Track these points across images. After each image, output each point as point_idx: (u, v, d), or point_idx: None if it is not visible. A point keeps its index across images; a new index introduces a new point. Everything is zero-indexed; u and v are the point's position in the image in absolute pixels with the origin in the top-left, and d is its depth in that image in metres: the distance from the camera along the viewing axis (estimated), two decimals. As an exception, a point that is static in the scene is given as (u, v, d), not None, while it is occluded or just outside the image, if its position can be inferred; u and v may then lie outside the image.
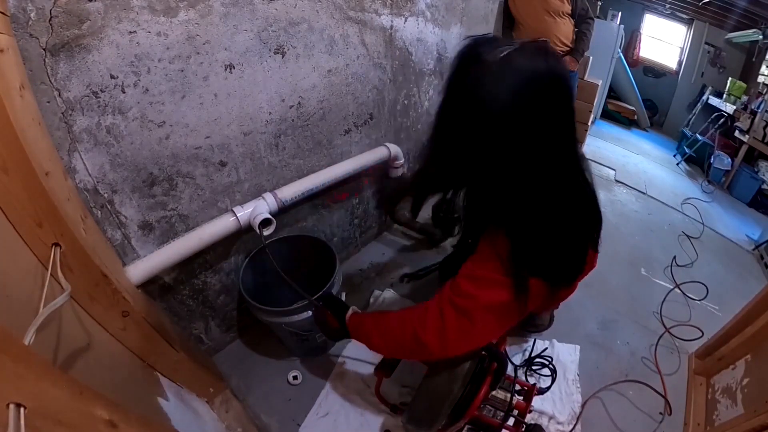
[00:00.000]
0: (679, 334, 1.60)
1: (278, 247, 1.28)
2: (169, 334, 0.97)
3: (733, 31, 3.89)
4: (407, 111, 1.70)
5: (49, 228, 0.60)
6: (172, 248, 0.98)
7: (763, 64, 3.52)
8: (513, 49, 0.63)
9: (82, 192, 0.81)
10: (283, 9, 1.01)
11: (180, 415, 0.90)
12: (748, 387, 1.14)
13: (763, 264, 2.25)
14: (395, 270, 1.78)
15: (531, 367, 1.38)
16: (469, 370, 0.92)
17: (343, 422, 1.19)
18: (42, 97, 0.69)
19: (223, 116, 0.99)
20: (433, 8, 1.56)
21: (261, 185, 1.19)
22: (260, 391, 1.27)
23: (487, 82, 0.63)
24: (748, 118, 3.26)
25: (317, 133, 1.29)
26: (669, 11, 4.47)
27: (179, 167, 0.96)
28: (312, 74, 1.17)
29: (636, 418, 1.30)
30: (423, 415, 0.93)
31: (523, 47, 0.64)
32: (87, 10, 0.69)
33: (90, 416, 0.49)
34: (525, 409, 1.11)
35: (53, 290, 0.57)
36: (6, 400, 0.36)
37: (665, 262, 2.04)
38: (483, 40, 0.67)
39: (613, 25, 3.10)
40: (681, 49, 4.70)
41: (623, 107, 4.82)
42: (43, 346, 0.54)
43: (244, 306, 1.35)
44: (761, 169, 3.17)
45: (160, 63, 0.82)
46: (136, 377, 0.84)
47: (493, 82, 0.63)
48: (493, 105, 0.63)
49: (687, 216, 2.62)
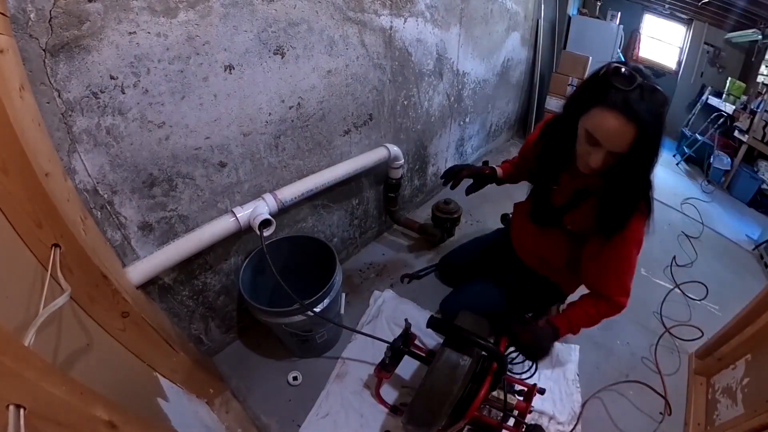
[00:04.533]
0: (679, 334, 1.60)
1: (278, 247, 1.28)
2: (168, 335, 0.97)
3: (733, 31, 3.88)
4: (407, 111, 1.70)
5: (49, 229, 0.60)
6: (171, 249, 0.98)
7: (762, 64, 3.51)
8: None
9: (81, 193, 0.81)
10: (282, 10, 1.01)
11: (180, 415, 0.90)
12: (748, 387, 1.14)
13: (763, 264, 2.25)
14: (395, 270, 1.78)
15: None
16: (469, 370, 0.92)
17: (343, 423, 1.19)
18: (42, 98, 0.69)
19: (222, 117, 0.99)
20: (433, 9, 1.56)
21: (261, 186, 1.19)
22: (260, 392, 1.27)
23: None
24: (748, 118, 3.26)
25: (317, 134, 1.30)
26: (668, 11, 4.47)
27: (179, 168, 0.96)
28: (311, 75, 1.17)
29: (636, 418, 1.30)
30: (423, 415, 0.93)
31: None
32: (87, 11, 0.69)
33: (90, 417, 0.49)
34: (525, 409, 1.11)
35: (53, 291, 0.57)
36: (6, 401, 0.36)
37: (665, 262, 2.04)
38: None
39: (613, 26, 3.09)
40: (680, 49, 4.69)
41: (623, 107, 4.79)
42: (43, 346, 0.54)
43: (244, 307, 1.35)
44: (761, 169, 3.17)
45: (159, 64, 0.82)
46: (136, 378, 0.84)
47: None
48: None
49: (687, 216, 2.62)
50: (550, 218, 1.17)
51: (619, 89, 0.81)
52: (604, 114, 0.84)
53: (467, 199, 1.48)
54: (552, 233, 1.20)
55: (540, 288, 1.33)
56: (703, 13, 4.02)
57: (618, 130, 0.83)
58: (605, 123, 0.84)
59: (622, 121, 0.82)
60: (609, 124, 0.83)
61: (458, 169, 1.32)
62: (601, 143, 0.87)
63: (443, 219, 1.89)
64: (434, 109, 1.91)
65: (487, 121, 2.65)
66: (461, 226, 2.05)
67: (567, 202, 1.12)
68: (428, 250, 1.92)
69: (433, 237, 1.90)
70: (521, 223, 1.35)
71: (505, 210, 1.82)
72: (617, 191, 0.95)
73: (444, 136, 2.14)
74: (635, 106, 0.80)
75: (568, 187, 1.11)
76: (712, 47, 4.31)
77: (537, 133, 1.20)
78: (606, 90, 0.83)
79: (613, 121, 0.83)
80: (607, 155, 0.89)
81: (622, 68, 0.83)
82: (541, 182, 1.19)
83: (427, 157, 2.07)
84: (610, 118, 0.83)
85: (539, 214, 1.21)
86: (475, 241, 1.61)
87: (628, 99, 0.80)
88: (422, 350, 1.20)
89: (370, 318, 1.53)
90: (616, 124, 0.82)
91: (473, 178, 1.35)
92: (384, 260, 1.84)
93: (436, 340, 1.41)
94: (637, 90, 0.80)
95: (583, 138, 0.92)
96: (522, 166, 1.37)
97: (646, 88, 0.80)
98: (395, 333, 1.37)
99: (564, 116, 1.00)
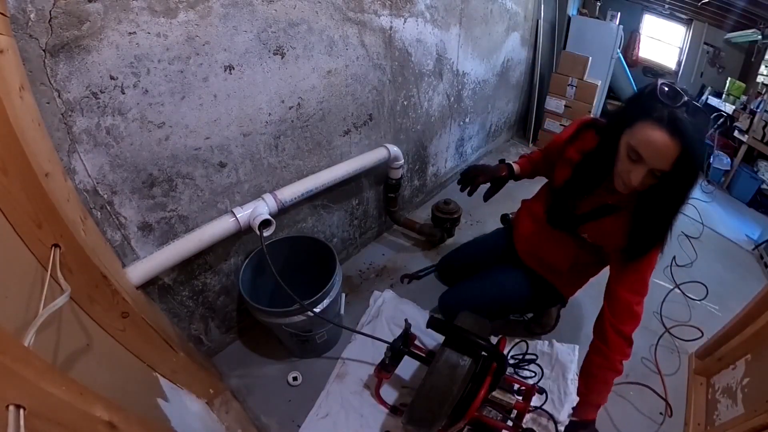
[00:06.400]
0: (679, 334, 1.60)
1: (278, 248, 1.28)
2: (168, 335, 0.97)
3: (732, 31, 3.89)
4: (407, 112, 1.70)
5: (49, 229, 0.60)
6: (171, 249, 0.98)
7: (762, 64, 3.51)
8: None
9: (81, 193, 0.81)
10: (282, 10, 1.01)
11: (180, 416, 0.90)
12: (748, 387, 1.14)
13: (763, 264, 2.25)
14: (395, 271, 1.78)
15: (519, 366, 1.38)
16: (469, 370, 0.91)
17: (342, 423, 1.19)
18: (42, 98, 0.69)
19: (222, 117, 0.99)
20: (433, 9, 1.56)
21: (260, 186, 1.19)
22: (260, 392, 1.26)
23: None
24: (748, 118, 3.25)
25: (317, 134, 1.30)
26: (668, 11, 4.47)
27: (179, 168, 0.96)
28: (311, 75, 1.17)
29: (636, 418, 1.30)
30: (423, 415, 0.93)
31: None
32: (87, 11, 0.69)
33: (90, 417, 0.49)
34: (524, 409, 1.11)
35: (53, 291, 0.57)
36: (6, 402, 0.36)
37: (665, 262, 2.04)
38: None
39: (612, 26, 3.09)
40: (680, 49, 4.70)
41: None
42: (42, 347, 0.54)
43: (243, 307, 1.35)
44: (761, 169, 3.16)
45: (159, 64, 0.82)
46: (136, 378, 0.84)
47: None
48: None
49: (686, 216, 2.61)
50: (567, 224, 1.15)
51: (666, 105, 0.81)
52: (650, 128, 0.82)
53: (467, 200, 1.48)
54: (562, 237, 1.19)
55: (538, 288, 1.33)
56: (703, 13, 4.02)
57: (663, 145, 0.81)
58: (650, 137, 0.82)
59: (667, 137, 0.80)
60: (654, 138, 0.82)
61: (473, 175, 1.30)
62: (644, 159, 0.85)
63: (443, 219, 1.89)
64: (434, 109, 1.91)
65: (487, 121, 2.65)
66: (461, 227, 2.05)
67: (590, 211, 1.09)
68: (428, 251, 1.92)
69: (433, 237, 1.90)
70: (528, 222, 1.34)
71: (505, 210, 1.82)
72: (652, 212, 0.93)
73: (444, 136, 2.14)
74: (681, 122, 0.79)
75: (597, 201, 1.08)
76: (712, 47, 4.31)
77: (569, 132, 1.16)
78: (652, 105, 0.82)
79: (659, 135, 0.81)
80: (648, 174, 0.87)
81: (670, 86, 0.83)
82: (573, 191, 1.14)
83: (427, 158, 2.07)
84: (656, 133, 0.81)
85: (556, 217, 1.19)
86: (475, 242, 1.61)
87: (675, 114, 0.79)
88: (422, 350, 1.20)
89: (370, 318, 1.53)
90: (662, 139, 0.81)
91: (490, 182, 1.34)
92: (384, 260, 1.84)
93: (436, 340, 1.41)
94: (683, 107, 0.80)
95: (624, 155, 0.89)
96: (543, 164, 1.34)
97: (691, 107, 0.80)
98: (395, 333, 1.37)
99: (607, 132, 0.98)
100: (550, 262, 1.26)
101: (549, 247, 1.25)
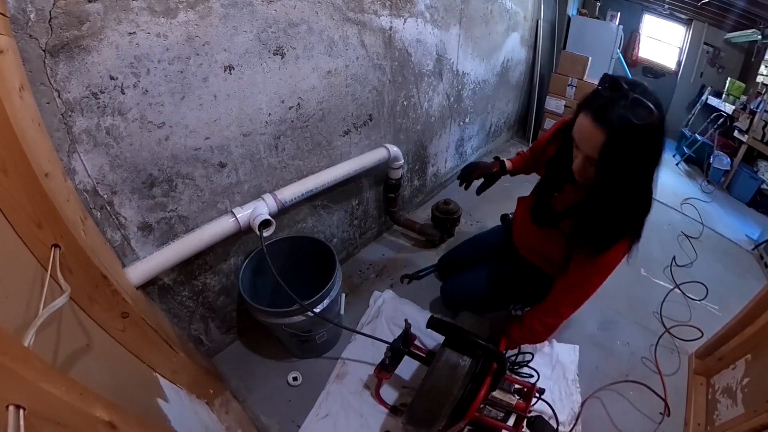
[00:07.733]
0: (679, 334, 1.60)
1: (278, 248, 1.28)
2: (168, 336, 0.97)
3: (732, 31, 3.88)
4: (407, 112, 1.70)
5: (49, 229, 0.60)
6: (171, 249, 0.98)
7: (761, 64, 3.51)
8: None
9: (81, 193, 0.81)
10: (282, 10, 1.01)
11: (179, 416, 0.90)
12: (748, 387, 1.14)
13: (763, 264, 2.25)
14: (395, 271, 1.78)
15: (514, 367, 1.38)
16: (469, 370, 0.92)
17: (342, 423, 1.19)
18: (42, 98, 0.69)
19: (222, 117, 0.99)
20: (433, 9, 1.56)
21: (260, 186, 1.19)
22: (260, 393, 1.26)
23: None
24: (747, 118, 3.25)
25: (317, 134, 1.30)
26: (668, 11, 4.47)
27: (179, 168, 0.96)
28: (311, 75, 1.17)
29: (636, 418, 1.30)
30: (423, 415, 0.93)
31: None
32: (87, 11, 0.69)
33: (89, 417, 0.49)
34: (525, 409, 1.11)
35: (53, 291, 0.57)
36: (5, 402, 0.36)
37: (665, 262, 2.04)
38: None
39: (612, 26, 3.09)
40: (680, 49, 4.69)
41: (622, 107, 4.79)
42: (42, 347, 0.54)
43: (243, 307, 1.35)
44: (760, 169, 3.17)
45: (159, 64, 0.82)
46: (136, 378, 0.84)
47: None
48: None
49: (686, 216, 2.62)
50: (549, 220, 1.20)
51: (600, 95, 0.86)
52: (582, 116, 0.89)
53: (467, 200, 1.49)
54: (551, 232, 1.21)
55: (539, 279, 1.34)
56: (703, 13, 4.02)
57: (588, 131, 0.87)
58: (580, 124, 0.90)
59: (591, 123, 0.86)
60: (582, 124, 0.89)
61: (468, 171, 1.41)
62: (578, 145, 0.92)
63: (443, 219, 1.89)
64: (434, 109, 1.91)
65: (487, 121, 2.65)
66: (461, 227, 2.05)
67: (565, 209, 1.14)
68: (428, 251, 1.92)
69: (433, 237, 1.90)
70: (524, 218, 1.36)
71: (505, 210, 1.82)
72: (594, 204, 0.98)
73: (444, 136, 2.14)
74: (608, 111, 0.82)
75: (570, 197, 1.13)
76: (712, 47, 4.31)
77: (550, 133, 1.23)
78: (593, 96, 0.88)
79: (585, 122, 0.87)
80: (585, 161, 0.93)
81: (613, 78, 0.86)
82: (546, 187, 1.21)
83: (427, 158, 2.07)
84: (585, 120, 0.87)
85: (538, 215, 1.23)
86: (474, 240, 1.62)
87: (603, 104, 0.84)
88: (422, 350, 1.20)
89: (370, 318, 1.53)
90: (587, 125, 0.87)
91: (483, 178, 1.42)
92: (384, 261, 1.84)
93: (436, 341, 1.41)
94: (620, 100, 0.82)
95: (574, 145, 0.96)
96: (531, 162, 1.42)
97: (630, 100, 0.81)
98: (395, 333, 1.37)
99: (569, 128, 1.03)
100: (548, 256, 1.27)
101: (543, 241, 1.27)
